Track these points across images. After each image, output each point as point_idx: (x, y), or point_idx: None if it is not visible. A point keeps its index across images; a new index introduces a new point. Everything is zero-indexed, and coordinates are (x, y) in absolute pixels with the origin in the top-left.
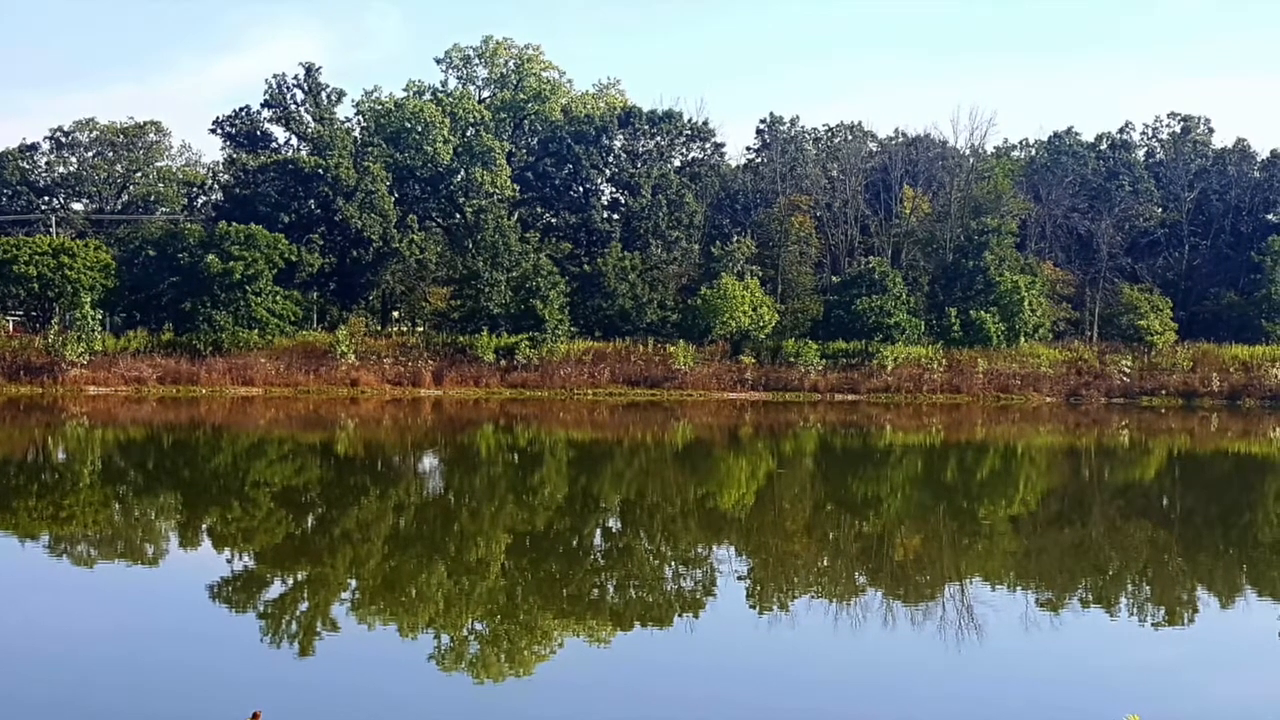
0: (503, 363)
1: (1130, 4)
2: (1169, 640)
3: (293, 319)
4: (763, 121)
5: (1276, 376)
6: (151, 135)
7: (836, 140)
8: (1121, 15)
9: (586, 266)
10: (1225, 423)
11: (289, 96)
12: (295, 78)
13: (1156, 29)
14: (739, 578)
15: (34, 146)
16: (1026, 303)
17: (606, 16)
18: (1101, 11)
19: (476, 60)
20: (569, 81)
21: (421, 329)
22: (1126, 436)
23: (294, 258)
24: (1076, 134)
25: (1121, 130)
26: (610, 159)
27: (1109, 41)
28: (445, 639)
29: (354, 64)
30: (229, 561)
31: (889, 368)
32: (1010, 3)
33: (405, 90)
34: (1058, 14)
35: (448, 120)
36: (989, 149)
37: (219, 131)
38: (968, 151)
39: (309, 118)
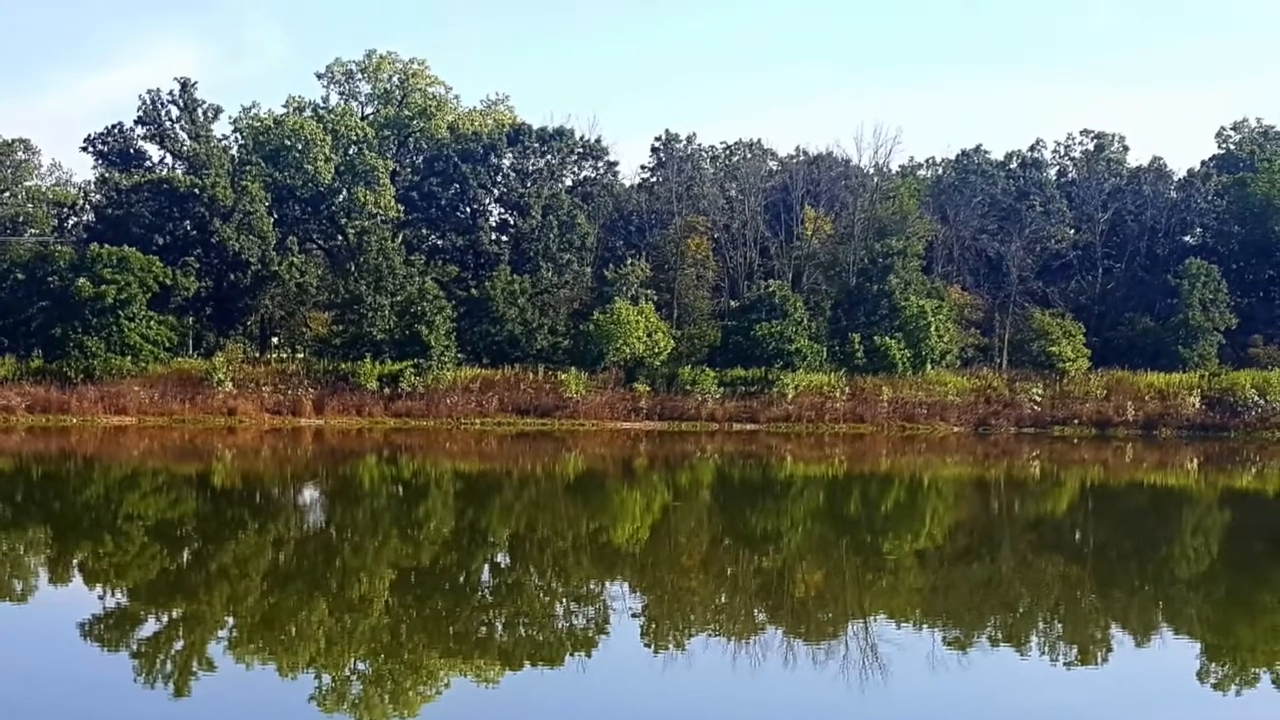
0: (386, 391)
1: (1042, 18)
2: (1082, 680)
3: (167, 345)
4: (658, 139)
5: (1193, 405)
6: (20, 154)
7: (735, 159)
8: (1033, 30)
9: (474, 290)
10: (1140, 453)
11: (163, 113)
12: (170, 93)
13: (1069, 44)
14: (633, 615)
15: None
16: (933, 328)
17: (495, 29)
18: (1012, 26)
19: (359, 75)
20: (456, 97)
21: (302, 356)
22: (1037, 468)
23: (169, 281)
24: (985, 152)
25: (1032, 148)
26: (499, 178)
27: (1019, 56)
28: (326, 679)
29: (232, 79)
30: (101, 599)
31: (789, 396)
32: (916, 17)
33: (285, 106)
34: (966, 28)
35: (329, 138)
36: (894, 168)
37: (90, 149)
38: (872, 170)
39: (184, 135)
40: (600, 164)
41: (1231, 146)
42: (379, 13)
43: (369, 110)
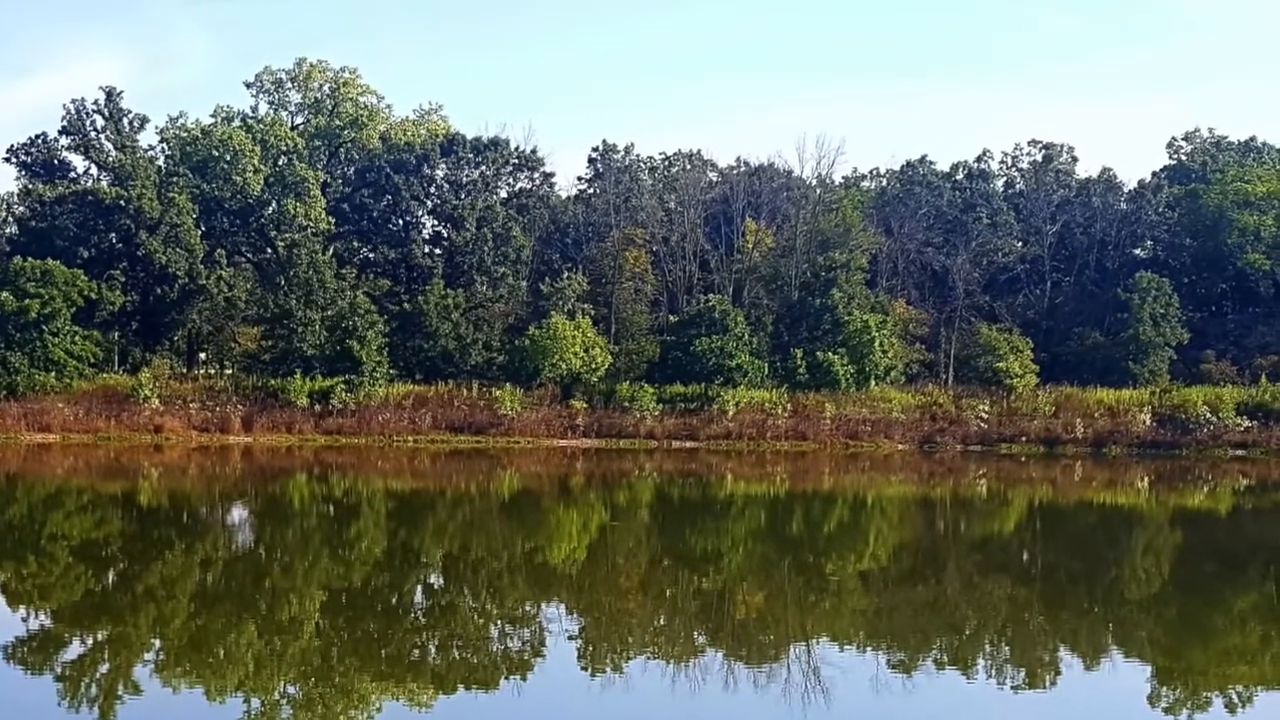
0: (317, 408)
1: (989, 26)
2: (1029, 704)
3: (92, 361)
4: (595, 150)
5: (1144, 423)
6: None
7: (674, 170)
8: (979, 37)
9: (406, 305)
10: (1090, 472)
11: (88, 123)
12: (95, 103)
13: (1016, 52)
14: (570, 637)
15: None
16: (877, 343)
17: (429, 38)
18: (958, 33)
19: (289, 84)
20: (388, 107)
21: (230, 372)
22: (984, 486)
23: (94, 295)
24: (931, 163)
25: (979, 159)
26: (432, 190)
27: (966, 65)
28: (255, 703)
29: (160, 88)
30: (24, 620)
31: (730, 413)
32: (860, 24)
33: (213, 116)
34: (910, 36)
35: (258, 148)
36: (837, 179)
37: (13, 160)
38: (814, 182)
39: (110, 146)
40: (536, 175)
41: (1183, 157)
42: (309, 20)
43: (299, 120)
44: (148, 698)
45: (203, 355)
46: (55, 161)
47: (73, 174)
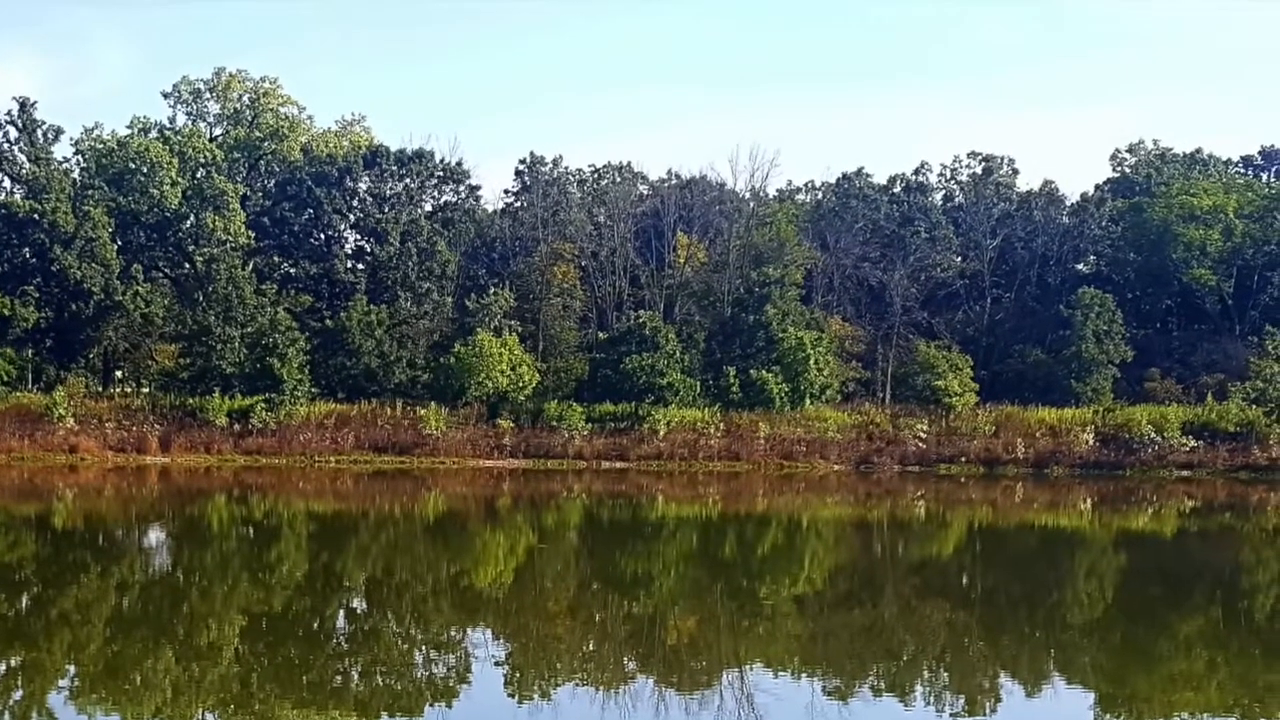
0: (236, 427)
1: (926, 34)
2: None
3: (5, 379)
4: (522, 162)
5: (1087, 443)
6: None
7: (604, 182)
8: (916, 46)
9: (329, 321)
10: (1031, 493)
11: (1, 135)
12: (8, 114)
13: (954, 61)
14: (496, 663)
15: None
16: (812, 361)
17: (351, 46)
18: (894, 41)
19: (208, 94)
20: (309, 118)
21: (147, 390)
22: (922, 508)
23: (6, 312)
24: (867, 175)
25: (917, 171)
26: (355, 203)
27: (903, 74)
28: None
29: (75, 98)
30: None
31: (661, 433)
32: (793, 32)
33: (130, 127)
34: (845, 45)
35: (176, 160)
36: (771, 192)
37: None
38: (748, 195)
39: (23, 158)
40: (462, 188)
41: (1127, 169)
42: (229, 29)
43: (218, 131)
44: None
45: (119, 373)
46: None
47: None
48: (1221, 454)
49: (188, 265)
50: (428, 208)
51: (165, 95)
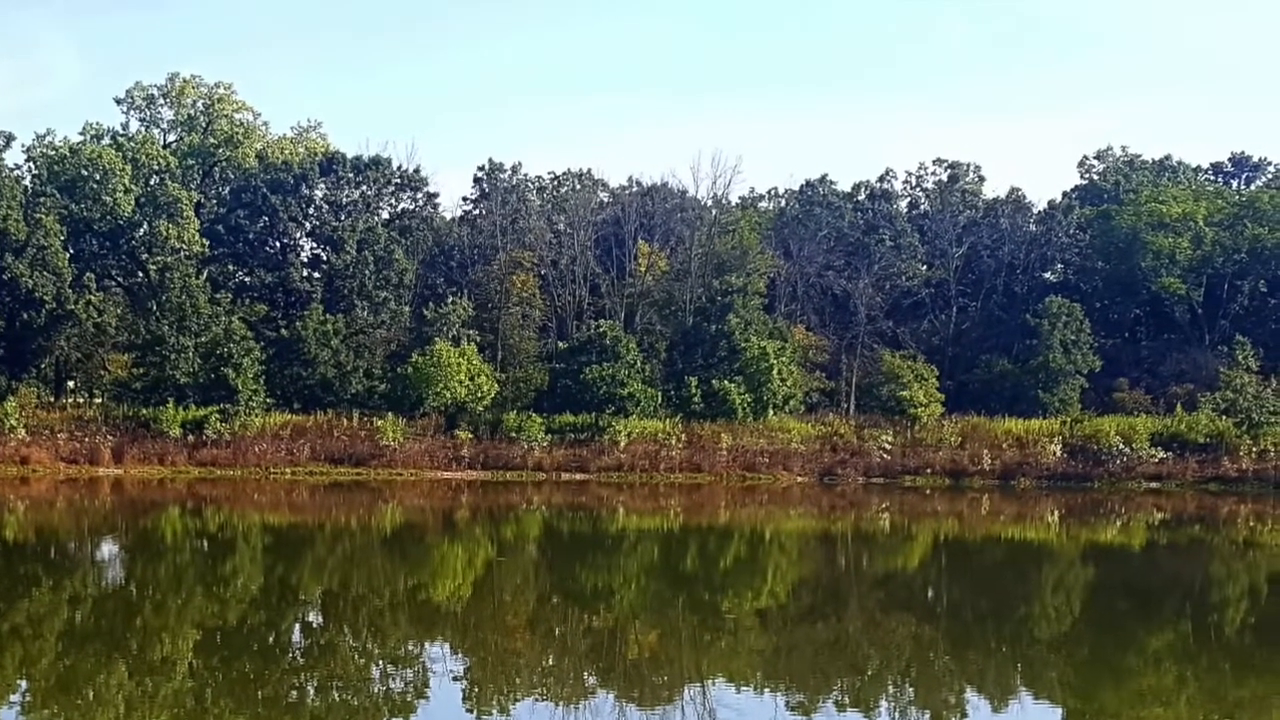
0: (190, 438)
1: (891, 40)
2: None
3: None
4: (481, 169)
5: (1054, 454)
6: None
7: (563, 190)
8: (881, 51)
9: (284, 331)
10: (997, 505)
11: None
12: None
13: (921, 66)
14: (454, 678)
15: None
16: (775, 371)
17: (306, 52)
18: (860, 47)
19: (161, 100)
20: (265, 124)
21: (100, 400)
22: (887, 520)
23: None
24: (831, 183)
25: (882, 179)
26: (311, 211)
27: (867, 80)
28: None
29: (26, 105)
30: None
31: (622, 444)
32: (756, 37)
33: (82, 134)
34: (810, 50)
35: (129, 167)
36: (733, 199)
37: None
38: (710, 202)
39: None
40: (419, 195)
41: (1095, 177)
42: (183, 34)
43: (172, 138)
44: None
45: (71, 383)
46: None
47: None
48: (1191, 465)
49: (141, 274)
50: (385, 215)
51: (118, 101)
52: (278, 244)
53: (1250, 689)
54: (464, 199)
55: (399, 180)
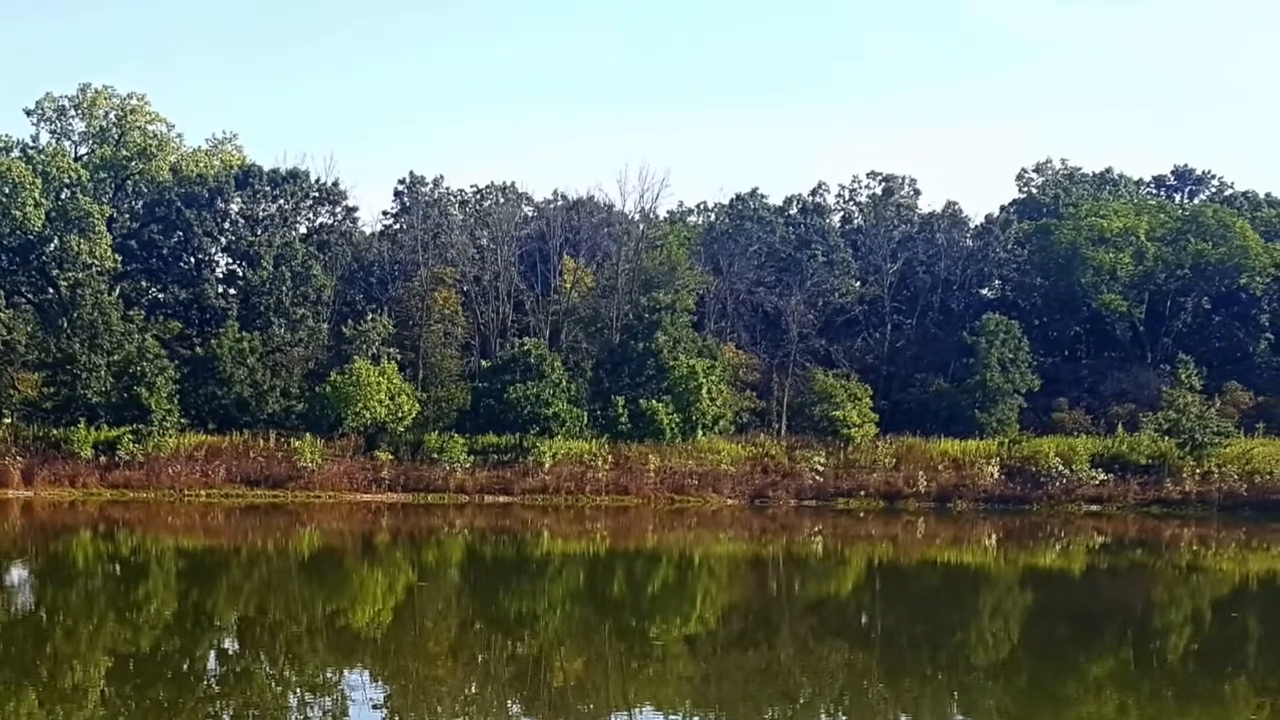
0: (103, 459)
1: (821, 49)
2: None
3: None
4: (401, 182)
5: (991, 476)
6: None
7: (486, 204)
8: (811, 61)
9: (199, 349)
10: (934, 528)
11: None
12: None
13: (854, 79)
14: (374, 706)
15: None
16: (704, 390)
17: (222, 62)
18: (788, 57)
19: (72, 111)
20: (179, 136)
21: (9, 420)
22: (820, 544)
23: None
24: (763, 197)
25: (814, 192)
26: (226, 225)
27: (798, 91)
28: None
29: None
30: None
31: (547, 465)
32: (685, 48)
33: None
34: (737, 60)
35: (39, 181)
36: (661, 214)
37: None
38: (637, 216)
39: None
40: (338, 209)
41: (1034, 190)
42: (95, 43)
43: (83, 150)
44: None
45: None
46: None
47: None
48: (1133, 487)
49: (51, 290)
50: (302, 230)
51: (28, 113)
52: (192, 259)
53: (1193, 717)
54: (384, 213)
55: (317, 194)
